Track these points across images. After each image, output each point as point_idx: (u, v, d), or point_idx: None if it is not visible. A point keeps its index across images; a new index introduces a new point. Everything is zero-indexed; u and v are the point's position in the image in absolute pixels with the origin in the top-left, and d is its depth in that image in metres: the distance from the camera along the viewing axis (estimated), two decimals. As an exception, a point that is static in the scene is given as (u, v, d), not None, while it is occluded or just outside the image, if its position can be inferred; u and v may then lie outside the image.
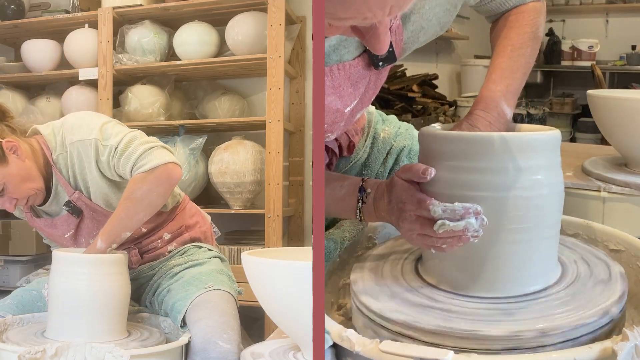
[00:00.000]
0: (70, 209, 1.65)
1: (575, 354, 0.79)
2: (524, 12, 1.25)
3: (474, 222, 0.91)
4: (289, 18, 2.86)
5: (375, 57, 1.11)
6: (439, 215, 0.93)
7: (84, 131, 1.60)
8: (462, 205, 0.92)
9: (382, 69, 1.16)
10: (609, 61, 5.29)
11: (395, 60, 1.13)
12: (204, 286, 1.61)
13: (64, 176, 1.64)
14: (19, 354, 1.27)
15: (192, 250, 1.79)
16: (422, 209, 0.95)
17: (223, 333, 1.47)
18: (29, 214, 1.71)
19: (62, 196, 1.66)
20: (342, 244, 1.25)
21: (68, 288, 1.45)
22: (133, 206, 1.55)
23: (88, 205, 1.65)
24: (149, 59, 3.01)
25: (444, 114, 3.94)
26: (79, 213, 1.66)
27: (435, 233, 0.93)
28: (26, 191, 1.60)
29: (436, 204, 0.94)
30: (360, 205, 1.10)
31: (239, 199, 2.85)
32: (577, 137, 5.02)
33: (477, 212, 0.91)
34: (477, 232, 0.92)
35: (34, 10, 3.48)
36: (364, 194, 1.09)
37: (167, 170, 1.55)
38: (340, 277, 1.23)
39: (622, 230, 1.16)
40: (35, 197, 1.63)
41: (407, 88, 3.67)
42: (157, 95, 3.02)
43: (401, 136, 1.51)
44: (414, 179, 0.99)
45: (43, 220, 1.70)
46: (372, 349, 0.84)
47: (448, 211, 0.92)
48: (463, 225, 0.91)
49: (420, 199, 0.96)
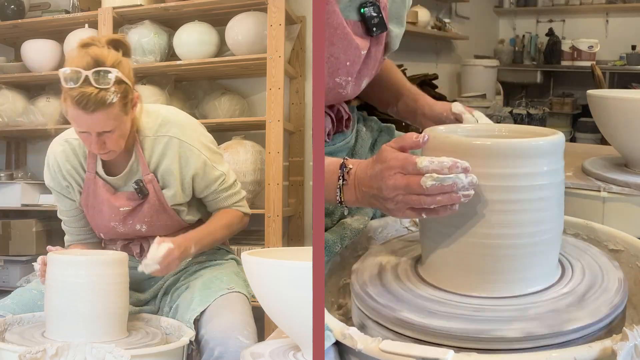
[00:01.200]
0: (138, 188, 1.67)
1: (575, 353, 0.79)
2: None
3: (463, 178, 0.89)
4: (289, 18, 2.86)
5: (369, 21, 1.26)
6: (426, 168, 0.91)
7: (194, 137, 1.69)
8: (450, 159, 0.90)
9: (379, 41, 1.30)
10: (609, 61, 5.29)
11: (386, 28, 1.29)
12: (226, 287, 1.64)
13: (146, 157, 1.66)
14: (19, 354, 1.27)
15: (210, 250, 1.82)
16: (408, 164, 0.93)
17: (244, 330, 1.51)
18: (92, 174, 1.70)
19: (135, 173, 1.68)
20: (343, 242, 1.25)
21: (66, 291, 1.45)
22: (224, 235, 1.77)
23: (156, 192, 1.67)
24: (149, 59, 3.01)
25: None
26: (145, 194, 1.68)
27: (423, 190, 0.90)
28: (118, 146, 1.60)
29: (423, 158, 0.92)
30: (342, 183, 1.07)
31: (239, 199, 2.86)
32: (577, 137, 5.02)
33: (466, 169, 0.89)
34: (467, 190, 0.90)
35: (34, 10, 3.48)
36: (345, 170, 1.07)
37: (247, 220, 1.85)
38: (340, 277, 1.23)
39: (622, 230, 1.16)
40: (114, 154, 1.63)
41: (407, 88, 3.66)
42: (157, 95, 3.01)
43: (384, 131, 1.59)
44: (406, 147, 0.97)
45: (106, 186, 1.69)
46: (374, 347, 0.84)
47: (435, 162, 0.90)
48: (452, 180, 0.89)
49: (406, 156, 0.94)
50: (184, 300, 1.65)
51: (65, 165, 1.71)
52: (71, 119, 1.55)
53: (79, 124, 1.55)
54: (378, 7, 1.27)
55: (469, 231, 0.95)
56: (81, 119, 1.52)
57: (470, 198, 0.91)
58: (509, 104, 5.24)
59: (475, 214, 0.94)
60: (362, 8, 1.25)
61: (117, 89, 1.52)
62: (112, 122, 1.54)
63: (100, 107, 1.50)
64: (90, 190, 1.71)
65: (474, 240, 0.94)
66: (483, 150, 0.93)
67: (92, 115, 1.50)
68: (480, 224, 0.94)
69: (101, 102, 1.49)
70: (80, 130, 1.57)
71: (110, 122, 1.53)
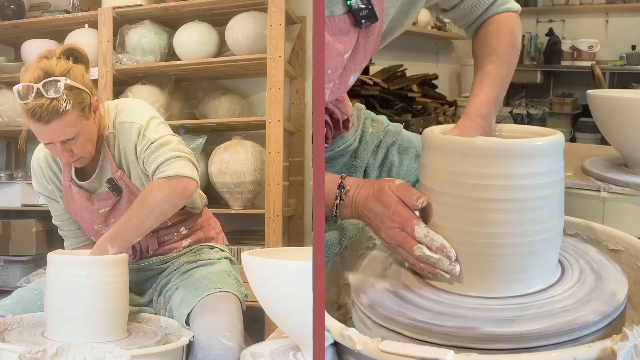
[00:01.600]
0: (111, 186, 1.68)
1: (575, 353, 0.79)
2: (501, 21, 1.30)
3: (446, 263, 0.96)
4: (289, 18, 2.86)
5: (357, 13, 1.15)
6: (420, 239, 0.98)
7: (133, 115, 1.66)
8: (441, 241, 0.97)
9: (369, 32, 1.19)
10: (609, 61, 5.29)
11: (376, 19, 1.17)
12: (214, 286, 1.63)
13: (111, 153, 1.67)
14: (19, 354, 1.27)
15: (204, 249, 1.81)
16: (407, 226, 1.00)
17: (226, 331, 1.48)
18: (67, 183, 1.72)
19: (105, 173, 1.69)
20: (343, 242, 1.25)
21: (66, 291, 1.45)
22: (145, 213, 1.57)
23: (128, 186, 1.68)
24: (149, 59, 3.01)
25: (444, 114, 3.94)
26: (119, 192, 1.69)
27: (413, 253, 0.99)
28: (85, 151, 1.62)
29: (421, 227, 0.99)
30: (338, 202, 1.12)
31: (239, 199, 2.86)
32: (577, 137, 5.02)
33: (449, 257, 0.96)
34: (445, 272, 0.97)
35: (34, 10, 3.48)
36: (343, 191, 1.12)
37: (184, 183, 1.58)
38: (340, 277, 1.23)
39: (622, 230, 1.16)
40: (84, 160, 1.65)
41: (407, 88, 3.66)
42: (157, 95, 3.02)
43: (390, 133, 1.55)
44: (405, 200, 1.02)
45: (81, 192, 1.71)
46: (373, 348, 0.84)
47: (428, 238, 0.98)
48: (437, 259, 0.97)
49: (408, 216, 1.01)
50: (174, 301, 1.64)
51: (47, 172, 1.75)
52: (34, 133, 1.58)
53: (41, 136, 1.58)
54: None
55: (468, 231, 0.95)
56: (41, 131, 1.55)
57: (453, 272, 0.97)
58: (509, 103, 5.24)
59: (475, 214, 0.94)
60: (349, 0, 1.15)
61: (70, 96, 1.54)
62: (71, 129, 1.56)
63: (54, 116, 1.52)
64: (69, 198, 1.74)
65: (473, 240, 0.94)
66: (483, 150, 0.93)
67: (49, 125, 1.53)
68: (480, 224, 0.94)
69: (54, 111, 1.52)
70: (44, 142, 1.60)
71: (70, 129, 1.55)
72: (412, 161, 1.50)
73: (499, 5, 1.30)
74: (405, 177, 1.48)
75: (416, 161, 1.50)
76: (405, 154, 1.51)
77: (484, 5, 1.30)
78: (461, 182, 0.94)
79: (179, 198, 1.59)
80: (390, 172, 1.49)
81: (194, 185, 1.61)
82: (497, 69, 1.21)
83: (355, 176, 1.47)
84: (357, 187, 1.11)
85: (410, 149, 1.52)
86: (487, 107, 1.14)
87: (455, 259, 0.96)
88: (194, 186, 1.61)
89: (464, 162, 0.94)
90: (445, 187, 0.97)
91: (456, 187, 0.95)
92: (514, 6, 1.32)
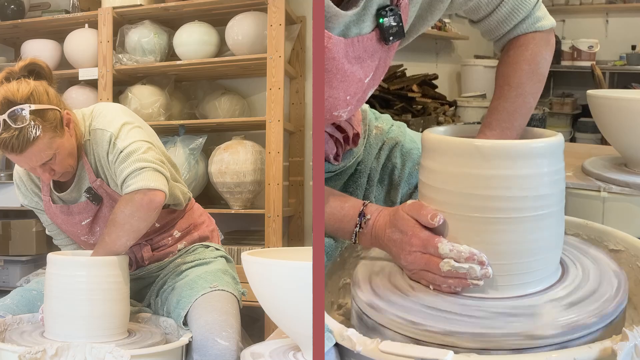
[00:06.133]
0: (90, 196, 1.65)
1: (575, 353, 0.79)
2: (523, 46, 1.20)
3: (477, 270, 0.93)
4: (289, 18, 2.86)
5: (387, 31, 1.10)
6: (446, 254, 0.95)
7: (106, 121, 1.62)
8: (469, 250, 0.94)
9: (390, 47, 1.15)
10: (609, 61, 5.29)
11: (404, 35, 1.12)
12: (209, 286, 1.62)
13: (89, 162, 1.64)
14: (19, 354, 1.27)
15: (199, 249, 1.80)
16: (429, 246, 0.97)
17: (222, 331, 1.48)
18: (47, 198, 1.70)
19: (83, 183, 1.66)
20: (343, 243, 1.25)
21: (66, 291, 1.45)
22: (116, 231, 1.54)
23: (108, 194, 1.65)
24: (149, 59, 3.01)
25: (444, 114, 3.93)
26: (99, 200, 1.66)
27: (439, 271, 0.95)
28: (66, 166, 1.60)
29: (444, 242, 0.96)
30: (358, 230, 1.10)
31: (239, 199, 2.85)
32: (577, 137, 5.02)
33: (482, 262, 0.94)
34: (478, 280, 0.94)
35: (34, 10, 3.48)
36: (364, 219, 1.09)
37: (149, 196, 1.52)
38: (340, 277, 1.23)
39: (622, 230, 1.16)
40: (68, 174, 1.63)
41: (407, 88, 3.66)
42: (157, 95, 3.02)
43: (393, 133, 1.51)
44: (420, 221, 1.00)
45: (59, 207, 1.69)
46: (373, 349, 0.84)
47: (455, 251, 0.94)
48: (467, 269, 0.94)
49: (428, 236, 0.98)
50: (171, 302, 1.64)
51: (29, 185, 1.73)
52: (11, 160, 1.56)
53: (19, 163, 1.56)
54: (399, 15, 1.10)
55: (469, 232, 0.95)
56: (17, 160, 1.54)
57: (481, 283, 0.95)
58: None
59: (475, 215, 0.94)
60: (381, 18, 1.09)
61: (37, 121, 1.50)
62: (47, 152, 1.53)
63: (27, 145, 1.49)
64: (51, 212, 1.72)
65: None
66: (483, 152, 0.93)
67: (24, 154, 1.51)
68: (481, 225, 0.94)
69: (25, 140, 1.49)
70: (24, 168, 1.59)
71: (45, 152, 1.53)
72: (414, 163, 1.47)
73: (530, 24, 1.19)
74: (407, 180, 1.46)
75: (419, 163, 1.48)
76: (408, 155, 1.48)
77: (513, 21, 1.19)
78: (461, 183, 0.94)
79: (145, 212, 1.54)
80: (392, 175, 1.47)
81: (161, 196, 1.55)
82: (507, 104, 1.14)
83: (359, 182, 1.45)
84: (377, 215, 1.08)
85: (414, 149, 1.49)
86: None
87: (487, 263, 0.94)
88: (161, 197, 1.55)
89: (464, 164, 0.94)
90: (445, 188, 0.97)
91: (456, 188, 0.95)
92: (546, 24, 1.20)
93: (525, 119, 1.16)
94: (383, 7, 1.09)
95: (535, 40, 1.19)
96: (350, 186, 1.44)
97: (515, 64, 1.18)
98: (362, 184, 1.45)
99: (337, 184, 1.43)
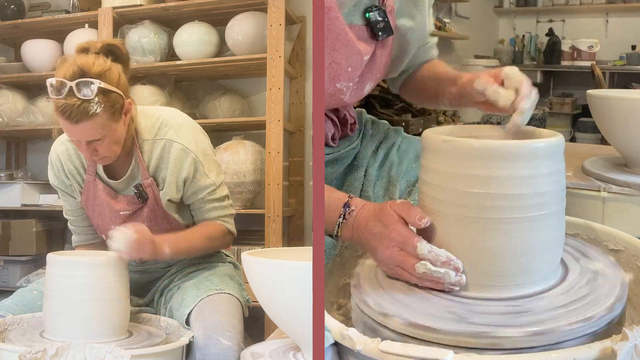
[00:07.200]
0: (138, 192, 1.66)
1: (574, 353, 0.79)
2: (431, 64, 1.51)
3: (452, 275, 0.93)
4: (289, 18, 2.86)
5: (374, 25, 1.26)
6: (424, 255, 0.95)
7: (189, 140, 1.66)
8: (446, 254, 0.94)
9: (385, 45, 1.28)
10: (609, 61, 5.29)
11: (392, 32, 1.28)
12: (215, 288, 1.63)
13: (145, 161, 1.65)
14: (19, 354, 1.27)
15: (209, 253, 1.81)
16: (408, 245, 0.97)
17: (225, 331, 1.48)
18: (92, 177, 1.70)
19: (135, 177, 1.67)
20: (343, 243, 1.25)
21: (66, 291, 1.45)
22: (202, 247, 1.70)
23: (155, 196, 1.66)
24: (149, 59, 3.01)
25: (444, 114, 3.93)
26: (145, 199, 1.67)
27: (414, 272, 0.95)
28: (111, 152, 1.60)
29: (424, 243, 0.96)
30: (341, 221, 1.09)
31: (239, 199, 2.86)
32: (577, 137, 5.02)
33: (457, 268, 0.94)
34: (452, 285, 0.94)
35: (34, 10, 3.48)
36: (348, 210, 1.09)
37: (230, 238, 1.79)
38: (340, 277, 1.23)
39: (622, 230, 1.16)
40: (108, 160, 1.63)
41: (407, 88, 3.66)
42: (157, 95, 3.02)
43: (390, 134, 1.56)
44: (407, 219, 1.00)
45: (107, 189, 1.69)
46: (373, 348, 0.84)
47: (432, 254, 0.94)
48: (442, 274, 0.93)
49: (408, 234, 0.98)
50: (175, 301, 1.64)
51: (67, 165, 1.72)
52: (62, 127, 1.56)
53: (68, 132, 1.56)
54: (384, 11, 1.26)
55: (469, 232, 0.95)
56: (68, 128, 1.54)
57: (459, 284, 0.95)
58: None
59: (475, 215, 0.94)
60: (367, 12, 1.25)
61: (102, 99, 1.51)
62: (99, 131, 1.54)
63: (83, 117, 1.50)
64: (90, 193, 1.71)
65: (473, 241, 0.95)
66: (484, 152, 0.93)
67: (77, 125, 1.51)
68: (481, 225, 0.94)
69: (84, 112, 1.49)
70: (71, 139, 1.59)
71: (97, 131, 1.53)
72: (412, 161, 1.50)
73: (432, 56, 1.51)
74: (405, 176, 1.48)
75: (416, 161, 1.51)
76: (405, 154, 1.52)
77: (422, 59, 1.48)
78: (462, 183, 0.94)
79: (223, 248, 1.82)
80: (390, 171, 1.49)
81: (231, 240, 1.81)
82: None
83: (356, 175, 1.48)
84: (361, 207, 1.08)
85: (410, 150, 1.53)
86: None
87: (462, 270, 0.94)
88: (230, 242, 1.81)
89: (464, 164, 0.94)
90: (445, 188, 0.97)
91: (457, 189, 0.95)
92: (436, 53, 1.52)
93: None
94: (370, 6, 1.26)
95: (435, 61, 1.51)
96: (348, 180, 1.48)
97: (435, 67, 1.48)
98: (359, 177, 1.48)
99: (335, 170, 1.47)
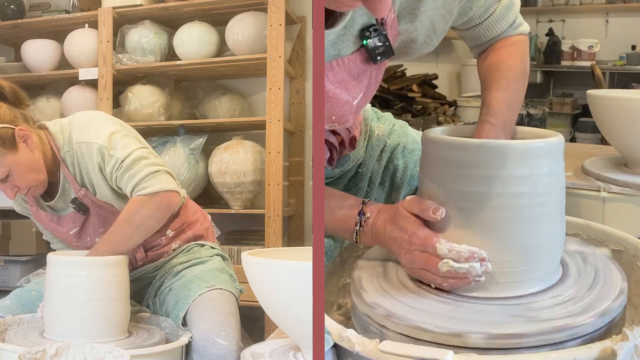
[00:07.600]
0: (76, 206, 1.66)
1: (575, 353, 0.79)
2: (513, 45, 1.22)
3: (478, 267, 0.92)
4: (289, 18, 2.86)
5: (372, 52, 1.07)
6: (444, 254, 0.94)
7: (91, 133, 1.61)
8: (469, 249, 0.93)
9: (382, 64, 1.12)
10: (609, 61, 5.28)
11: (393, 53, 1.09)
12: (205, 285, 1.62)
13: (71, 173, 1.64)
14: (19, 354, 1.27)
15: (195, 248, 1.80)
16: (428, 246, 0.96)
17: (222, 331, 1.48)
18: (34, 207, 1.71)
19: (69, 193, 1.67)
20: (343, 243, 1.25)
21: (66, 291, 1.45)
22: (130, 230, 1.57)
23: (94, 203, 1.66)
24: (149, 59, 3.01)
25: (444, 114, 3.93)
26: (85, 210, 1.67)
27: (438, 271, 0.94)
28: (29, 181, 1.60)
29: (443, 243, 0.95)
30: (358, 229, 1.09)
31: (239, 199, 2.85)
32: (577, 137, 5.02)
33: (482, 259, 0.93)
34: (479, 277, 0.93)
35: (34, 10, 3.48)
36: (363, 218, 1.08)
37: (168, 197, 1.57)
38: (340, 277, 1.23)
39: (622, 230, 1.16)
40: (36, 189, 1.64)
41: (407, 88, 3.66)
42: (157, 95, 3.02)
43: (395, 133, 1.50)
44: (422, 216, 0.99)
45: (49, 215, 1.71)
46: (372, 349, 0.84)
47: (454, 252, 0.93)
48: (466, 268, 0.92)
49: (427, 235, 0.97)
50: (169, 303, 1.64)
51: (17, 198, 1.74)
52: None
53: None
54: (384, 35, 1.07)
55: (469, 231, 0.95)
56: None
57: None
58: (509, 104, 5.22)
59: (475, 215, 0.94)
60: (365, 40, 1.06)
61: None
62: (0, 169, 1.54)
63: None
64: (40, 220, 1.74)
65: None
66: (483, 152, 0.93)
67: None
68: (481, 225, 0.94)
69: None
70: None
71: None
72: (416, 164, 1.46)
73: (513, 28, 1.22)
74: (409, 181, 1.45)
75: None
76: (410, 156, 1.47)
77: (501, 29, 1.21)
78: (462, 183, 0.94)
79: (164, 213, 1.59)
80: (394, 176, 1.46)
81: (178, 198, 1.61)
82: (506, 96, 1.14)
83: (361, 184, 1.44)
84: (377, 212, 1.07)
85: (416, 150, 1.48)
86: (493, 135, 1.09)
87: (487, 259, 0.93)
88: (178, 199, 1.61)
89: (464, 164, 0.94)
90: (445, 188, 0.97)
91: (457, 188, 0.95)
92: (525, 29, 1.24)
93: (517, 114, 1.17)
94: (367, 28, 1.05)
95: (522, 42, 1.23)
96: (351, 189, 1.44)
97: (511, 61, 1.19)
98: (362, 187, 1.44)
99: (337, 188, 1.41)
